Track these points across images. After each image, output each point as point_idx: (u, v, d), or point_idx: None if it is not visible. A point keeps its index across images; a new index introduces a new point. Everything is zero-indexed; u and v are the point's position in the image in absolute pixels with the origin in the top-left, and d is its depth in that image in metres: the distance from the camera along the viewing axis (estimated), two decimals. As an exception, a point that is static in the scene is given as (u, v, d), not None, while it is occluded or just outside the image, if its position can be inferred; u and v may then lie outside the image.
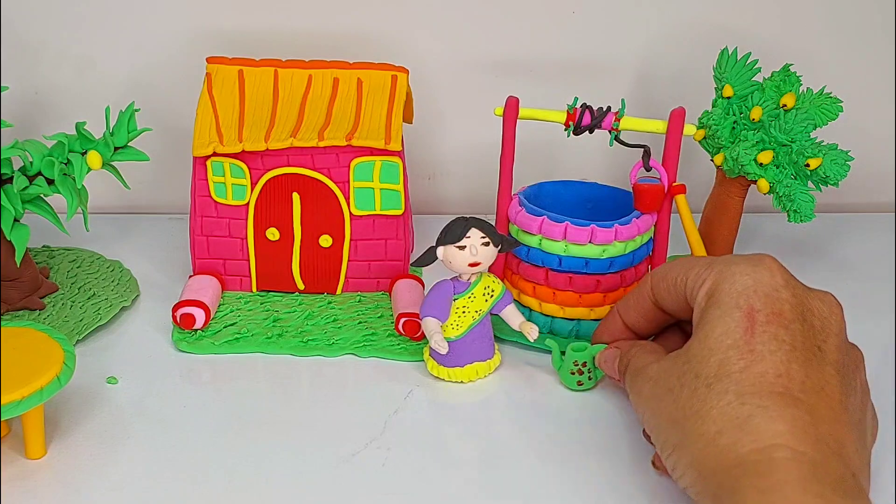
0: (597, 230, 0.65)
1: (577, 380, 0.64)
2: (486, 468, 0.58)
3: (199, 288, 0.70)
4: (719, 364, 0.51)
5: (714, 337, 0.52)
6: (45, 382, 0.55)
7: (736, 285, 0.53)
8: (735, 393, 0.49)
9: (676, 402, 0.51)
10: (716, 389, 0.50)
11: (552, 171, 0.86)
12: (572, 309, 0.68)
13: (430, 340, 0.63)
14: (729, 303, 0.52)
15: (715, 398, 0.50)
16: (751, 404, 0.49)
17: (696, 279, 0.55)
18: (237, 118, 0.71)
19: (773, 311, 0.52)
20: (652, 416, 0.53)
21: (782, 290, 0.52)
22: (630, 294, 0.62)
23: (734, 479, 0.47)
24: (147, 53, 0.84)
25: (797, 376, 0.50)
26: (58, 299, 0.72)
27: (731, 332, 0.51)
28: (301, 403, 0.63)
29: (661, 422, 0.52)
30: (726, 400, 0.49)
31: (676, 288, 0.57)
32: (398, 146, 0.69)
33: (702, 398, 0.50)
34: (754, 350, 0.50)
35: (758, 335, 0.51)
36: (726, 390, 0.50)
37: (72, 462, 0.57)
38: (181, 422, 0.61)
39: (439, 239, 0.62)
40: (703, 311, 0.53)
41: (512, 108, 0.67)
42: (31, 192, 0.67)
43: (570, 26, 0.85)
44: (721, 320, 0.52)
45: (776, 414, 0.48)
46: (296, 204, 0.71)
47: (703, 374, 0.51)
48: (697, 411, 0.50)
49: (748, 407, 0.49)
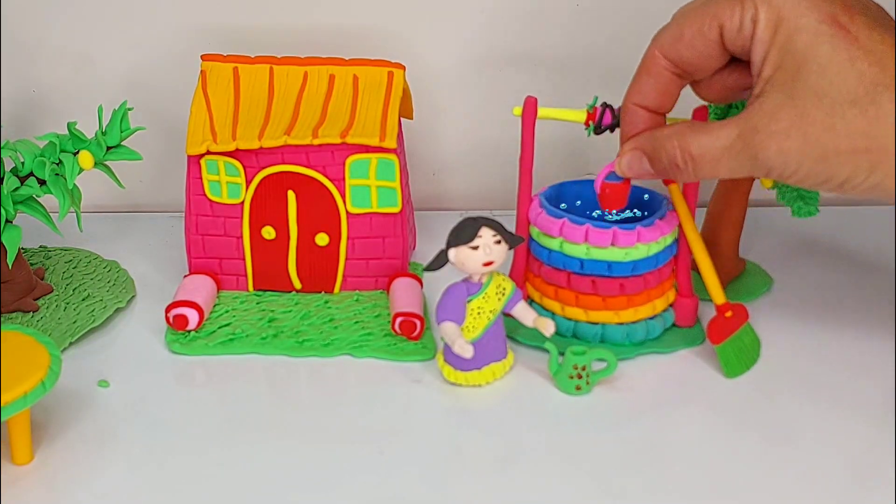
0: (619, 233, 0.64)
1: (576, 384, 0.62)
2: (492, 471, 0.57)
3: (193, 288, 0.70)
4: (857, 77, 0.51)
5: (823, 58, 0.52)
6: (29, 387, 0.54)
7: (797, 7, 0.53)
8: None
9: (845, 125, 0.52)
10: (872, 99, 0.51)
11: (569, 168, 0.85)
12: (596, 313, 0.66)
13: (453, 346, 0.61)
14: (808, 22, 0.52)
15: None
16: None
17: (734, 18, 0.55)
18: (231, 116, 0.70)
19: (844, 4, 0.53)
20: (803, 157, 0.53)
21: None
22: (638, 79, 0.60)
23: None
24: (145, 51, 0.84)
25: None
26: (52, 301, 0.72)
27: (838, 47, 0.52)
28: (299, 405, 0.63)
29: (823, 153, 0.53)
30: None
31: (706, 37, 0.56)
32: (393, 143, 0.68)
33: (866, 110, 0.51)
34: (870, 50, 0.51)
35: (852, 29, 0.52)
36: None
37: (60, 468, 0.56)
38: (174, 425, 0.60)
39: (450, 241, 0.61)
40: (787, 40, 0.53)
41: (531, 108, 0.66)
42: (22, 192, 0.67)
43: (575, 19, 0.84)
44: (818, 40, 0.52)
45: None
46: (291, 202, 0.70)
47: (845, 93, 0.52)
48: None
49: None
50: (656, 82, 0.59)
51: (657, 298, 0.67)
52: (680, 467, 0.56)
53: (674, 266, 0.68)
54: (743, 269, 0.76)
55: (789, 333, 0.69)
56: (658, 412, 0.61)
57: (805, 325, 0.70)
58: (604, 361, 0.63)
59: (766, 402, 0.62)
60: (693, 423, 0.60)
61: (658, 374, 0.65)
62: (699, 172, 0.57)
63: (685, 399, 0.62)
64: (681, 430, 0.60)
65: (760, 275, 0.76)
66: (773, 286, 0.75)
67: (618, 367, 0.63)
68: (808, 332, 0.69)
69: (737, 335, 0.64)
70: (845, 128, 0.52)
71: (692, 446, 0.58)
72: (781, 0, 0.53)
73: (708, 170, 0.56)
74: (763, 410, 0.61)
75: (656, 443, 0.59)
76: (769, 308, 0.72)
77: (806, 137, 0.52)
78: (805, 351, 0.67)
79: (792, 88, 0.53)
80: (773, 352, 0.66)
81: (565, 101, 0.68)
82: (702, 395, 0.63)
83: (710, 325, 0.65)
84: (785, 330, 0.69)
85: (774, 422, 0.60)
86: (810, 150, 0.53)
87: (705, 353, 0.66)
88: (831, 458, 0.57)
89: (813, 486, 0.55)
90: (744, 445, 0.58)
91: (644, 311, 0.67)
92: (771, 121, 0.53)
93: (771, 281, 0.75)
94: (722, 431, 0.59)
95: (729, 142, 0.55)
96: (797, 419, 0.60)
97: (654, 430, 0.60)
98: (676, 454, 0.58)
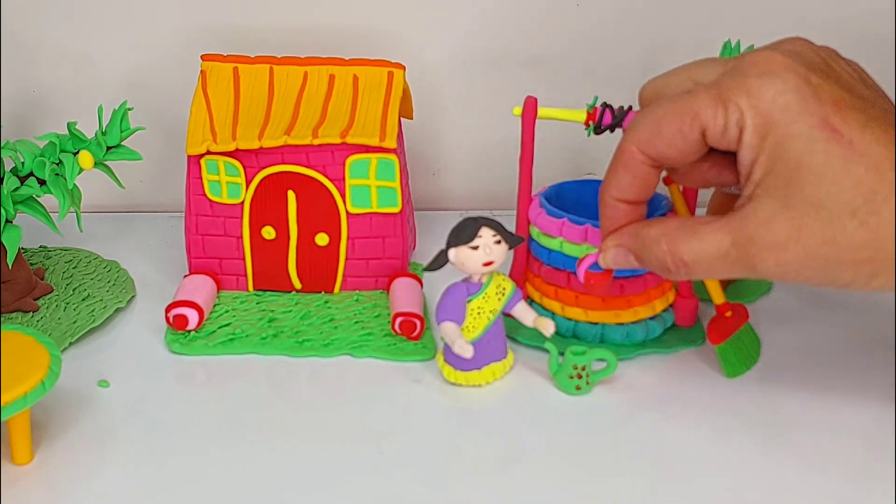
0: None
1: (576, 384, 0.62)
2: (492, 471, 0.57)
3: (193, 288, 0.70)
4: (855, 185, 0.49)
5: (818, 166, 0.50)
6: (29, 387, 0.54)
7: (786, 112, 0.50)
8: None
9: (842, 236, 0.50)
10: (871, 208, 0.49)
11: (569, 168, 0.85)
12: (596, 313, 0.66)
13: (453, 346, 0.61)
14: (800, 129, 0.50)
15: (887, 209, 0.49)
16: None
17: (717, 120, 0.52)
18: (231, 116, 0.70)
19: (834, 99, 0.50)
20: (801, 267, 0.51)
21: (821, 80, 0.51)
22: (614, 174, 0.57)
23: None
24: (145, 51, 0.84)
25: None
26: (52, 301, 0.71)
27: (833, 153, 0.50)
28: (299, 405, 0.62)
29: (823, 261, 0.51)
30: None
31: (686, 137, 0.53)
32: (393, 143, 0.68)
33: (866, 221, 0.49)
34: (865, 153, 0.49)
35: (846, 132, 0.50)
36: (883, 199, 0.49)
37: (60, 468, 0.56)
38: (174, 425, 0.60)
39: (450, 241, 0.61)
40: (778, 147, 0.50)
41: (531, 108, 0.66)
42: (22, 192, 0.67)
43: (575, 19, 0.84)
44: (811, 147, 0.50)
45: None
46: (291, 202, 0.70)
47: (843, 204, 0.50)
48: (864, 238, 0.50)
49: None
50: (634, 177, 0.56)
51: (657, 299, 0.67)
52: (680, 467, 0.56)
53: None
54: (743, 269, 0.75)
55: (789, 333, 0.68)
56: (658, 412, 0.61)
57: (805, 326, 0.70)
58: (604, 361, 0.63)
59: (766, 403, 0.62)
60: (693, 423, 0.60)
61: (658, 374, 0.65)
62: (692, 276, 0.55)
63: (685, 399, 0.62)
64: (681, 430, 0.60)
65: (760, 275, 0.76)
66: (773, 286, 0.75)
67: (618, 367, 0.63)
68: (807, 333, 0.69)
69: (737, 335, 0.64)
70: (846, 240, 0.50)
71: (692, 446, 0.58)
72: (769, 104, 0.50)
73: (702, 274, 0.54)
74: (763, 410, 0.61)
75: (656, 443, 0.59)
76: (769, 308, 0.72)
77: (806, 251, 0.50)
78: (805, 351, 0.67)
79: (786, 196, 0.50)
80: (773, 352, 0.66)
81: (565, 101, 0.68)
82: (702, 395, 0.63)
83: (710, 325, 0.65)
84: (785, 330, 0.69)
85: (774, 422, 0.60)
86: (809, 261, 0.51)
87: (705, 353, 0.66)
88: (831, 458, 0.57)
89: (813, 487, 0.55)
90: (744, 445, 0.58)
91: (644, 311, 0.67)
92: (767, 232, 0.51)
93: (771, 281, 0.75)
94: (722, 431, 0.59)
95: (723, 248, 0.52)
96: (797, 419, 0.60)
97: (654, 430, 0.60)
98: (676, 454, 0.58)
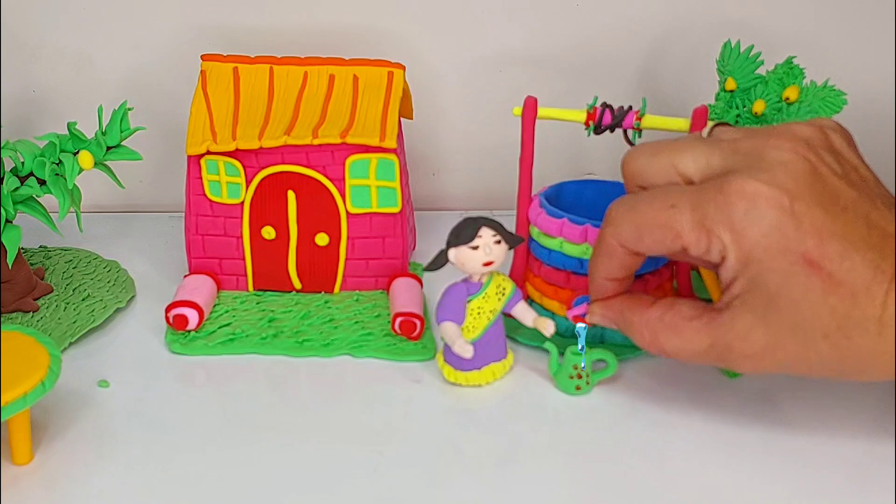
0: None
1: (576, 384, 0.62)
2: (492, 471, 0.57)
3: (193, 288, 0.70)
4: (830, 312, 0.51)
5: (797, 296, 0.52)
6: (29, 387, 0.54)
7: (768, 251, 0.52)
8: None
9: (820, 357, 0.53)
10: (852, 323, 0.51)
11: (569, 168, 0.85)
12: None
13: (453, 346, 0.61)
14: (781, 265, 0.52)
15: (859, 332, 0.51)
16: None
17: (699, 244, 0.53)
18: (231, 116, 0.70)
19: (816, 228, 0.51)
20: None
21: (805, 206, 0.52)
22: (600, 260, 0.59)
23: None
24: (145, 51, 0.84)
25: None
26: (52, 301, 0.71)
27: (812, 286, 0.51)
28: (299, 405, 0.62)
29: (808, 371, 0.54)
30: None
31: (668, 248, 0.55)
32: (393, 143, 0.68)
33: (838, 343, 0.52)
34: (841, 282, 0.51)
35: (826, 265, 0.51)
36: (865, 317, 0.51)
37: (60, 468, 0.56)
38: (174, 426, 0.60)
39: (450, 241, 0.61)
40: (758, 276, 0.52)
41: (531, 108, 0.66)
42: (22, 192, 0.67)
43: (575, 19, 0.84)
44: (791, 280, 0.52)
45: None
46: (291, 202, 0.70)
47: (818, 328, 0.52)
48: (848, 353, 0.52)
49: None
50: (619, 263, 0.58)
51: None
52: (680, 467, 0.56)
53: (674, 266, 0.68)
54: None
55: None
56: (658, 412, 0.61)
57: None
58: (604, 361, 0.63)
59: (766, 403, 0.62)
60: (693, 423, 0.60)
61: (658, 374, 0.65)
62: (673, 360, 0.58)
63: (685, 399, 0.62)
64: (681, 430, 0.60)
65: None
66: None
67: (618, 367, 0.63)
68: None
69: (737, 335, 0.64)
70: (818, 358, 0.52)
71: (692, 446, 0.58)
72: (752, 244, 0.52)
73: (683, 361, 0.57)
74: (763, 411, 0.61)
75: (656, 443, 0.59)
76: (769, 308, 0.71)
77: (780, 364, 0.53)
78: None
79: (764, 315, 0.52)
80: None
81: (565, 101, 0.68)
82: (702, 395, 0.63)
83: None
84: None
85: (774, 422, 0.60)
86: (784, 370, 0.54)
87: (705, 353, 0.66)
88: (831, 458, 0.57)
89: (813, 487, 0.55)
90: (743, 446, 0.58)
91: (644, 311, 0.67)
92: (744, 343, 0.53)
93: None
94: (722, 431, 0.59)
95: (702, 349, 0.55)
96: (797, 420, 0.60)
97: (654, 430, 0.60)
98: (676, 454, 0.58)
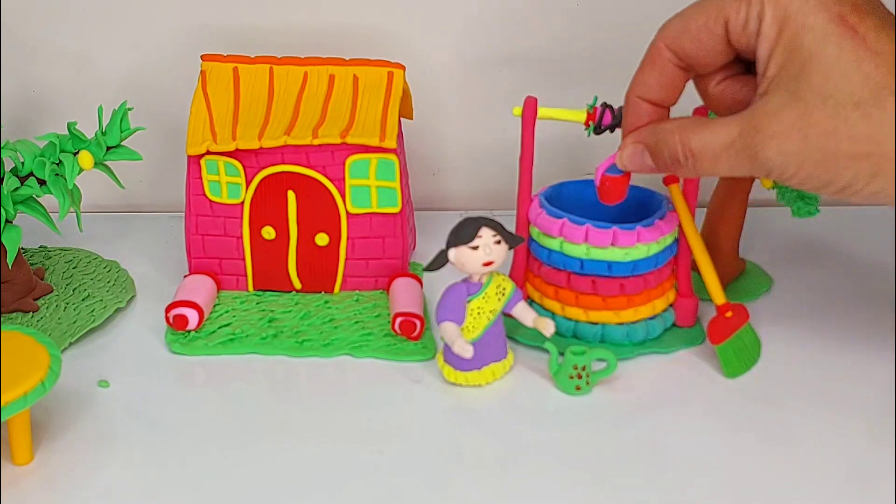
0: (619, 233, 0.64)
1: (576, 384, 0.62)
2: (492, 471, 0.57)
3: (193, 288, 0.70)
4: (863, 79, 0.50)
5: (829, 59, 0.51)
6: (29, 387, 0.54)
7: (805, 5, 0.52)
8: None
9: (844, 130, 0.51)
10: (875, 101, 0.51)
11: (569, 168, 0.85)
12: (596, 313, 0.66)
13: (453, 346, 0.61)
14: (816, 21, 0.51)
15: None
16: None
17: (739, 13, 0.54)
18: (231, 116, 0.70)
19: (853, 4, 0.51)
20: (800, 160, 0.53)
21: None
22: (642, 71, 0.59)
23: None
24: (145, 51, 0.84)
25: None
26: (52, 301, 0.71)
27: (845, 47, 0.51)
28: (299, 405, 0.62)
29: (822, 156, 0.52)
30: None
31: (711, 32, 0.55)
32: (393, 143, 0.68)
33: (869, 113, 0.51)
34: (877, 51, 0.50)
35: (861, 30, 0.51)
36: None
37: (60, 468, 0.56)
38: (174, 425, 0.60)
39: (450, 241, 0.61)
40: (793, 38, 0.52)
41: (531, 108, 0.66)
42: (22, 192, 0.67)
43: (575, 19, 0.84)
44: (825, 40, 0.51)
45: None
46: (291, 202, 0.70)
47: (849, 95, 0.51)
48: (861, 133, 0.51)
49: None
50: (660, 75, 0.58)
51: (657, 298, 0.67)
52: (679, 467, 0.56)
53: (674, 266, 0.68)
54: (743, 270, 0.76)
55: (789, 333, 0.68)
56: (658, 412, 0.61)
57: (805, 325, 0.69)
58: (604, 361, 0.63)
59: (765, 403, 0.62)
60: (693, 423, 0.60)
61: (658, 374, 0.65)
62: (699, 169, 0.56)
63: (685, 399, 0.62)
64: (681, 430, 0.60)
65: (760, 275, 0.76)
66: (773, 286, 0.75)
67: (618, 367, 0.63)
68: (808, 332, 0.69)
69: (737, 335, 0.64)
70: (847, 131, 0.51)
71: (692, 446, 0.58)
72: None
73: (707, 166, 0.56)
74: (763, 411, 0.61)
75: (656, 443, 0.59)
76: (769, 308, 0.71)
77: (807, 140, 0.51)
78: (805, 351, 0.67)
79: (796, 89, 0.52)
80: (773, 352, 0.66)
81: (565, 101, 0.67)
82: (702, 395, 0.63)
83: (711, 325, 0.65)
84: (785, 330, 0.69)
85: (774, 422, 0.60)
86: (811, 152, 0.52)
87: (705, 353, 0.66)
88: (831, 458, 0.57)
89: (812, 487, 0.55)
90: (743, 446, 0.58)
91: (644, 311, 0.67)
92: (773, 121, 0.52)
93: (771, 281, 0.75)
94: (722, 432, 0.59)
95: (730, 139, 0.54)
96: (797, 419, 0.60)
97: (654, 430, 0.60)
98: (676, 454, 0.58)
